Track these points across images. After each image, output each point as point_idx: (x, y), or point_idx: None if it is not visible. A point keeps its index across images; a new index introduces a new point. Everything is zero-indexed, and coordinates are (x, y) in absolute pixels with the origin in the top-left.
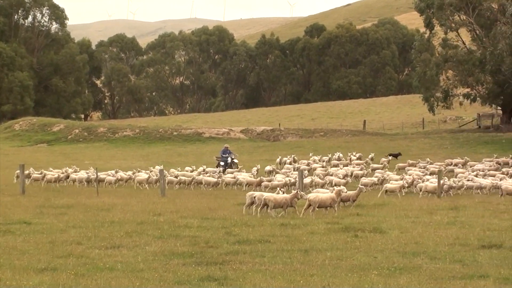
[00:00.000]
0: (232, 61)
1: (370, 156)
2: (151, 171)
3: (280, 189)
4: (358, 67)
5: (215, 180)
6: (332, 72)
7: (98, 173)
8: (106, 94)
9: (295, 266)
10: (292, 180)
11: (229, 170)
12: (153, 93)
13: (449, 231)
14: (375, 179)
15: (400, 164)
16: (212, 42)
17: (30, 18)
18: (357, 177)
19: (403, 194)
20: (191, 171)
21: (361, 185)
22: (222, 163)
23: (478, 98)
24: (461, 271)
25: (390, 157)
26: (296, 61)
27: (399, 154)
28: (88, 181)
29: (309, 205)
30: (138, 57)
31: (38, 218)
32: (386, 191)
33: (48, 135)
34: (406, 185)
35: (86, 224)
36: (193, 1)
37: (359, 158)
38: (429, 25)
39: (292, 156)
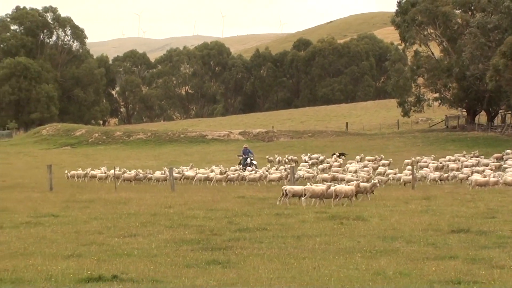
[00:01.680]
0: (231, 72)
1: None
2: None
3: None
4: (340, 76)
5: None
6: (317, 81)
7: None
8: (121, 103)
9: (289, 251)
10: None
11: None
12: (162, 101)
13: (423, 218)
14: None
15: (407, 161)
16: (212, 56)
17: (54, 37)
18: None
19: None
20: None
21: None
22: (242, 162)
23: (446, 102)
24: (433, 253)
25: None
26: (286, 72)
27: (344, 153)
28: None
29: (336, 196)
30: (148, 70)
31: (64, 211)
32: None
33: (72, 139)
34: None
35: (106, 216)
36: (196, 20)
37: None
38: (404, 38)
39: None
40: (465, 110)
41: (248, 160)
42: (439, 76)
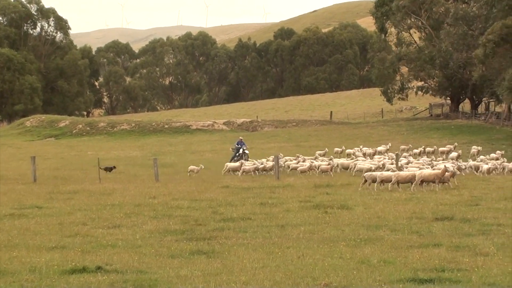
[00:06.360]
0: (214, 62)
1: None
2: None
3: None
4: (324, 65)
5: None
6: (302, 70)
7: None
8: (105, 93)
9: (273, 240)
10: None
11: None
12: (146, 92)
13: (407, 206)
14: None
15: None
16: (196, 46)
17: (37, 29)
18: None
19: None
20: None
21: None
22: (237, 153)
23: (430, 90)
24: (418, 241)
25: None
26: (270, 61)
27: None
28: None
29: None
30: (132, 61)
31: (48, 203)
32: None
33: (55, 130)
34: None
35: (90, 207)
36: (179, 10)
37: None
38: (382, 29)
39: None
40: (449, 98)
41: (241, 151)
42: (422, 67)
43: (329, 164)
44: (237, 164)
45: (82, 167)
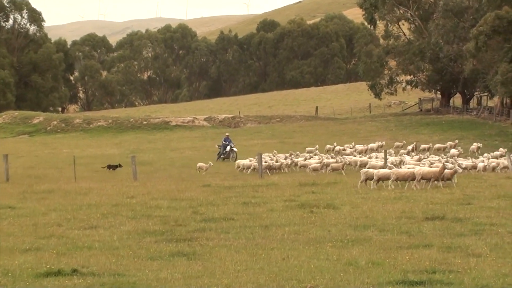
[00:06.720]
0: (194, 56)
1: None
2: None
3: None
4: (309, 58)
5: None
6: (286, 64)
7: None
8: (80, 88)
9: (257, 241)
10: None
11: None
12: (124, 87)
13: (396, 205)
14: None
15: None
16: (176, 39)
17: (10, 21)
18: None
19: None
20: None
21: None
22: (222, 150)
23: (419, 85)
24: (407, 241)
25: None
26: (253, 55)
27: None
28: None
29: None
30: (108, 54)
31: (21, 203)
32: None
33: (29, 127)
34: None
35: (65, 207)
36: (158, 2)
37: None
38: (371, 20)
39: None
40: (439, 93)
41: (228, 148)
42: (411, 60)
43: (341, 162)
44: (249, 161)
45: (57, 165)
